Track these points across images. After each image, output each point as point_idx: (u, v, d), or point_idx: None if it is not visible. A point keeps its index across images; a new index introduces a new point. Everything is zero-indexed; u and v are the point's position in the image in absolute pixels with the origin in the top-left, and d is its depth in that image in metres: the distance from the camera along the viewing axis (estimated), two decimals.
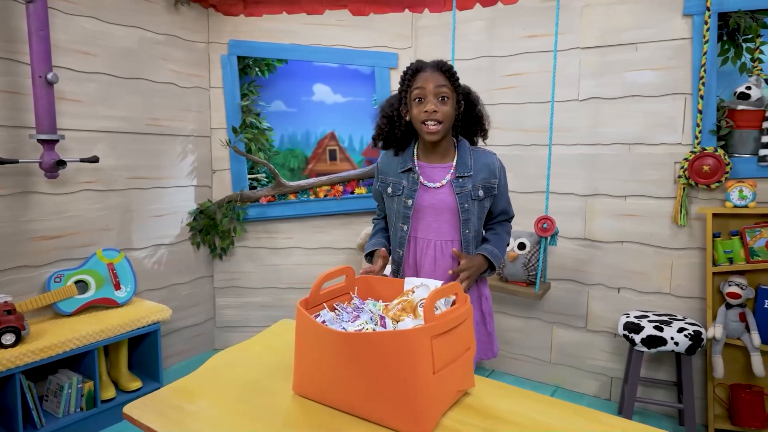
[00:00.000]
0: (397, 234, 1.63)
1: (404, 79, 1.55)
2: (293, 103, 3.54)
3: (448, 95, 1.50)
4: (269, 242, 3.32)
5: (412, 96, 1.53)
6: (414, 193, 1.57)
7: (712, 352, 2.33)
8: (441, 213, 1.57)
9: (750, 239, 2.26)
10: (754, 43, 2.35)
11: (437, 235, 1.58)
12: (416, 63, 1.55)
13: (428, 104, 1.49)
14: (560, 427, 1.09)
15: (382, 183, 1.66)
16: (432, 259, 1.58)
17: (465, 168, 1.57)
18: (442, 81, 1.49)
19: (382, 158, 1.70)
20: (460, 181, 1.56)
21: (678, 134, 2.47)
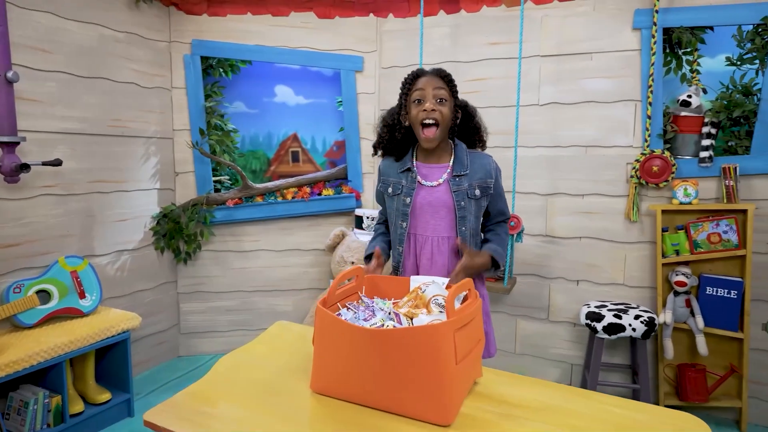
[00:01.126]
0: (396, 232, 1.69)
1: (405, 84, 1.62)
2: (255, 105, 3.51)
3: (446, 98, 1.58)
4: (235, 245, 3.27)
5: (411, 98, 1.60)
6: (412, 192, 1.65)
7: (663, 335, 2.56)
8: (438, 210, 1.65)
9: (694, 233, 2.50)
10: (693, 56, 2.60)
11: (434, 232, 1.66)
12: (416, 70, 1.63)
13: (427, 104, 1.56)
14: (568, 408, 1.19)
15: (384, 184, 1.72)
16: (429, 254, 1.65)
17: (462, 167, 1.65)
18: (440, 84, 1.58)
19: (383, 161, 1.76)
20: (457, 179, 1.64)
21: (629, 137, 2.68)
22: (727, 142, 2.56)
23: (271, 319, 3.36)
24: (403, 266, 1.72)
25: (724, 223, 2.44)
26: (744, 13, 2.44)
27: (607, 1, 2.68)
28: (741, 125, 2.51)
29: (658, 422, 1.14)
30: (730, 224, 2.43)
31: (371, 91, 3.30)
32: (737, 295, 2.44)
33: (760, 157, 2.45)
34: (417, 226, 1.67)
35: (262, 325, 3.35)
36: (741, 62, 2.50)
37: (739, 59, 2.50)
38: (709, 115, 2.50)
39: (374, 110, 3.32)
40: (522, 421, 1.14)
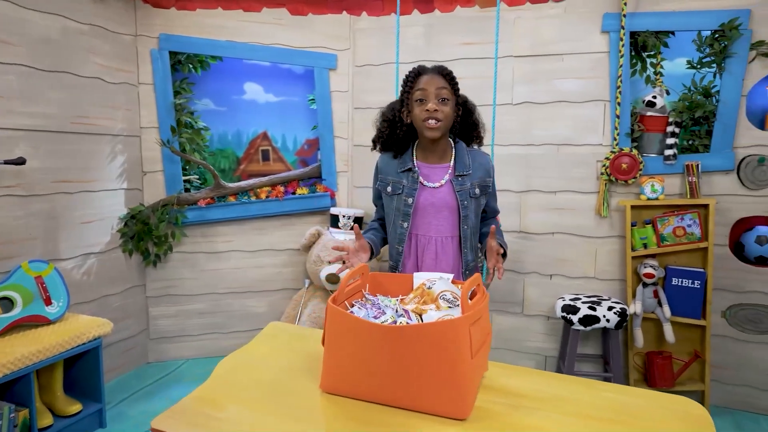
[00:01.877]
0: (396, 231, 1.69)
1: (406, 81, 1.62)
2: (223, 102, 3.42)
3: (448, 97, 1.59)
4: (207, 246, 3.18)
5: (414, 97, 1.60)
6: (414, 192, 1.65)
7: (633, 325, 2.68)
8: (440, 211, 1.66)
9: (660, 227, 2.64)
10: (657, 59, 2.74)
11: (437, 232, 1.67)
12: (418, 67, 1.63)
13: (429, 104, 1.57)
14: (572, 397, 1.23)
15: (382, 182, 1.72)
16: (434, 254, 1.66)
17: (464, 167, 1.67)
18: (442, 83, 1.58)
19: (382, 159, 1.75)
20: (460, 179, 1.66)
21: (599, 136, 2.79)
22: (689, 141, 2.70)
23: (245, 321, 3.29)
24: (402, 265, 1.72)
25: (688, 217, 2.58)
26: (703, 20, 2.58)
27: (578, 4, 2.78)
28: (701, 125, 2.66)
29: (658, 406, 1.20)
30: (694, 218, 2.57)
31: (345, 89, 3.29)
32: (700, 285, 2.58)
33: (719, 155, 2.60)
34: (419, 226, 1.68)
35: (236, 327, 3.28)
36: (700, 66, 2.65)
37: (699, 63, 2.65)
38: (672, 115, 2.64)
39: (348, 108, 3.30)
40: (532, 411, 1.17)
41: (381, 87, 3.19)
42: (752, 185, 2.57)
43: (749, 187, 2.58)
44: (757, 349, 2.64)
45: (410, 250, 1.70)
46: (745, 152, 2.58)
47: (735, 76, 2.55)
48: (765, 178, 2.55)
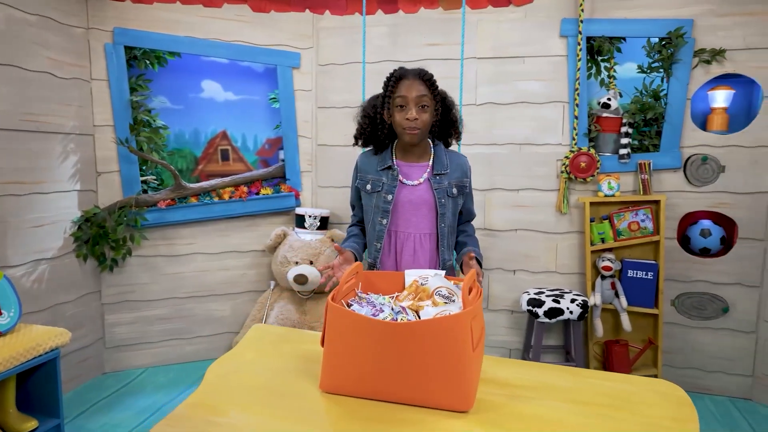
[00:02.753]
0: (375, 228, 1.70)
1: (387, 85, 1.63)
2: (179, 100, 3.31)
3: (428, 104, 1.62)
4: (167, 249, 3.06)
5: (394, 102, 1.61)
6: (393, 189, 1.67)
7: (593, 316, 2.82)
8: (419, 208, 1.69)
9: (617, 222, 2.79)
10: (610, 63, 2.89)
11: (416, 229, 1.70)
12: (399, 70, 1.64)
13: (410, 112, 1.60)
14: (564, 385, 1.29)
15: (362, 180, 1.72)
16: (411, 251, 1.69)
17: (442, 166, 1.71)
18: (423, 90, 1.61)
19: (361, 158, 1.76)
20: (438, 178, 1.70)
21: (559, 136, 2.92)
22: (640, 141, 2.87)
23: (208, 325, 3.20)
24: (381, 262, 1.73)
25: (641, 213, 2.74)
26: (652, 28, 2.75)
27: (537, 9, 2.89)
28: (651, 126, 2.84)
29: (644, 389, 1.27)
30: (647, 213, 2.74)
31: (308, 89, 3.26)
32: (653, 276, 2.75)
33: (668, 154, 2.78)
34: (398, 223, 1.70)
35: (199, 332, 3.18)
36: (650, 70, 2.83)
37: (648, 68, 2.82)
38: (626, 117, 2.80)
39: (312, 108, 3.28)
40: (529, 400, 1.21)
41: (345, 87, 3.18)
42: (697, 182, 2.77)
43: (694, 184, 2.78)
44: (702, 334, 2.85)
45: (389, 247, 1.72)
46: (691, 152, 2.77)
47: (680, 80, 2.73)
48: (708, 176, 2.75)
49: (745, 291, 2.76)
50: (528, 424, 1.12)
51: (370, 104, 1.74)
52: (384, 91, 1.66)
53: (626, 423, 1.13)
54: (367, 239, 1.77)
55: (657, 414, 1.17)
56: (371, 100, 1.75)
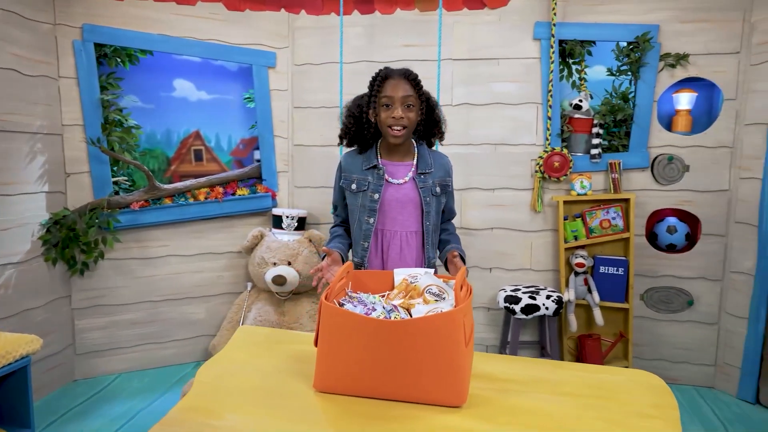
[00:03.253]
0: (362, 227, 1.71)
1: (373, 84, 1.64)
2: (150, 99, 3.24)
3: (413, 103, 1.65)
4: (140, 252, 2.99)
5: (380, 102, 1.63)
6: (380, 188, 1.69)
7: (567, 311, 2.90)
8: (405, 206, 1.71)
9: (589, 220, 2.88)
10: (581, 66, 2.98)
11: (402, 227, 1.73)
12: (385, 70, 1.66)
13: (396, 110, 1.62)
14: (551, 378, 1.33)
15: (346, 180, 1.73)
16: (398, 249, 1.72)
17: (426, 166, 1.74)
18: (408, 90, 1.63)
19: (345, 158, 1.76)
20: (422, 177, 1.73)
21: (533, 136, 2.99)
22: (610, 141, 2.97)
23: (183, 329, 3.14)
24: (368, 261, 1.74)
25: (612, 211, 2.84)
26: (620, 32, 2.85)
27: (511, 12, 2.95)
28: (620, 127, 2.94)
29: (627, 380, 1.33)
30: (617, 211, 2.84)
31: (284, 88, 3.24)
32: (623, 272, 2.85)
33: (637, 153, 2.89)
34: (385, 222, 1.72)
35: (174, 336, 3.11)
36: (619, 73, 2.93)
37: (617, 71, 2.92)
38: (597, 118, 2.89)
39: (288, 107, 3.25)
40: (519, 393, 1.25)
41: (322, 86, 3.18)
42: (663, 181, 2.89)
43: (661, 182, 2.89)
44: (668, 327, 2.97)
45: (376, 246, 1.73)
46: (658, 151, 2.89)
47: (648, 83, 2.84)
48: (673, 175, 2.87)
49: (708, 285, 2.90)
50: (520, 416, 1.15)
51: (355, 104, 1.75)
52: (370, 90, 1.67)
53: (611, 412, 1.18)
54: (353, 239, 1.78)
55: (639, 402, 1.22)
56: (356, 99, 1.76)
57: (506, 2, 2.95)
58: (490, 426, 1.11)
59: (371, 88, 1.66)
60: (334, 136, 3.14)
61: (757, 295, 2.71)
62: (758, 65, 2.69)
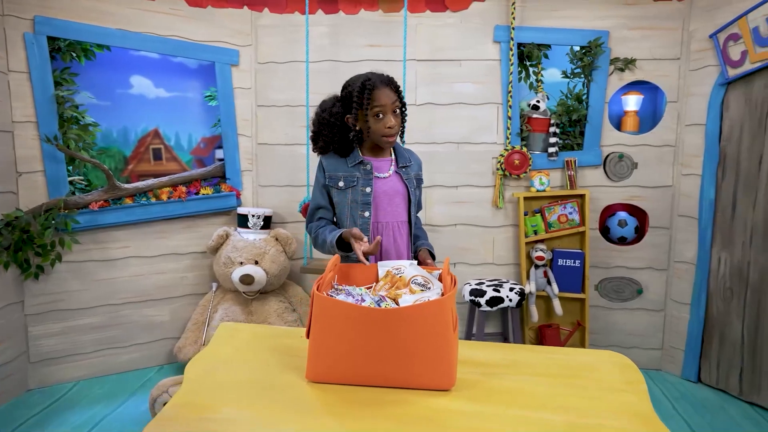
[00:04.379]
0: (357, 222, 1.75)
1: (362, 95, 1.65)
2: (106, 96, 3.14)
3: (398, 109, 1.71)
4: (100, 254, 2.89)
5: (372, 112, 1.67)
6: (370, 182, 1.73)
7: (529, 303, 3.03)
8: (393, 198, 1.78)
9: (548, 215, 3.02)
10: (538, 68, 3.12)
11: (393, 218, 1.80)
12: (373, 81, 1.67)
13: (389, 120, 1.69)
14: (529, 362, 1.41)
15: (332, 179, 1.75)
16: (392, 239, 1.78)
17: (404, 160, 1.84)
18: (394, 97, 1.70)
19: (326, 159, 1.78)
20: (404, 170, 1.82)
21: (494, 135, 3.11)
22: (565, 140, 3.13)
23: (146, 332, 3.05)
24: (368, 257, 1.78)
25: (569, 206, 2.99)
26: (574, 37, 3.01)
27: (472, 15, 3.05)
28: (575, 126, 3.10)
29: (597, 360, 1.43)
30: (574, 206, 2.99)
31: (248, 86, 3.21)
32: (580, 264, 3.02)
33: (590, 152, 3.06)
34: (378, 214, 1.77)
35: (136, 340, 3.02)
36: (572, 76, 3.09)
37: (572, 73, 3.09)
38: (553, 118, 3.04)
39: (251, 106, 3.23)
40: (502, 376, 1.32)
41: (286, 85, 3.17)
42: (615, 177, 3.07)
43: (612, 179, 3.08)
44: (620, 315, 3.16)
45: (373, 238, 1.77)
46: (609, 150, 3.07)
47: (599, 85, 3.01)
48: (624, 172, 3.06)
49: (655, 274, 3.11)
50: (505, 396, 1.22)
51: (329, 113, 1.75)
52: (357, 100, 1.68)
53: (587, 389, 1.27)
54: None
55: (611, 379, 1.32)
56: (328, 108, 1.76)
57: (467, 5, 3.05)
58: (479, 406, 1.17)
59: (359, 98, 1.67)
60: (299, 135, 3.19)
61: (698, 283, 2.93)
62: (696, 70, 2.92)
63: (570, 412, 1.16)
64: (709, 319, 2.92)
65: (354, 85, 1.70)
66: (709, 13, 2.83)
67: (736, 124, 2.75)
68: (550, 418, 1.13)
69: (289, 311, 3.07)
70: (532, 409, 1.17)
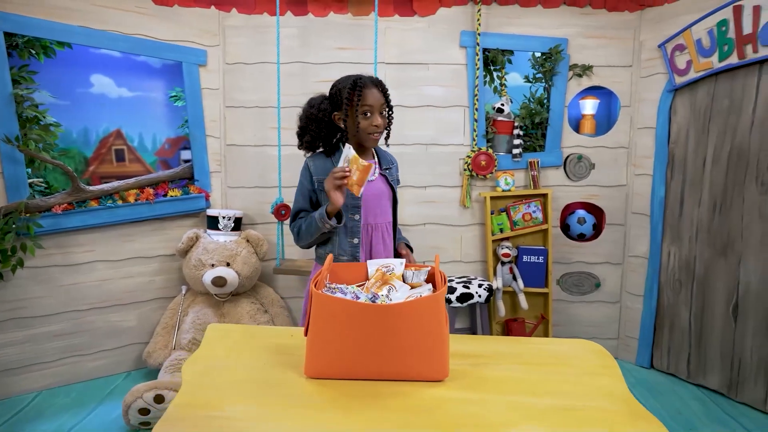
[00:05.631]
0: (347, 225, 1.78)
1: (351, 94, 1.71)
2: (65, 95, 3.05)
3: (385, 110, 1.76)
4: (63, 258, 2.79)
5: (361, 110, 1.72)
6: None
7: (496, 298, 3.16)
8: (380, 199, 1.84)
9: (513, 213, 3.16)
10: (501, 73, 3.26)
11: (382, 219, 1.86)
12: (361, 81, 1.73)
13: (376, 119, 1.75)
14: (514, 352, 1.50)
15: (320, 183, 1.78)
16: (381, 239, 1.84)
17: (387, 162, 1.90)
18: (382, 99, 1.76)
19: (313, 162, 1.82)
20: (388, 171, 1.89)
21: (461, 137, 3.21)
22: (528, 142, 3.28)
23: (113, 338, 2.97)
24: (360, 256, 1.82)
25: (533, 205, 3.14)
26: (536, 44, 3.16)
27: (439, 21, 3.15)
28: (537, 129, 3.26)
29: (573, 349, 1.53)
30: (537, 205, 3.14)
31: (216, 87, 3.18)
32: (543, 260, 3.17)
33: (552, 153, 3.22)
34: (367, 216, 1.82)
35: (102, 346, 2.94)
36: (534, 80, 3.24)
37: (534, 78, 3.24)
38: (517, 120, 3.18)
39: (219, 107, 3.20)
40: (490, 366, 1.40)
41: (255, 86, 3.17)
42: (574, 177, 3.25)
43: (572, 179, 3.25)
44: (580, 308, 3.34)
45: (364, 240, 1.82)
46: (569, 151, 3.24)
47: (559, 90, 3.18)
48: (582, 172, 3.24)
49: (612, 268, 3.30)
50: (496, 384, 1.30)
51: (317, 109, 1.80)
52: (345, 97, 1.73)
53: (568, 375, 1.37)
54: (338, 238, 1.83)
55: (589, 365, 1.43)
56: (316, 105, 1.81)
57: (434, 11, 3.14)
58: (474, 394, 1.25)
59: (349, 96, 1.72)
60: (268, 136, 3.19)
61: (650, 276, 3.14)
62: (647, 77, 3.13)
63: (556, 396, 1.25)
64: (660, 309, 3.13)
65: (344, 84, 1.76)
66: (658, 25, 3.04)
67: (683, 128, 2.97)
68: (540, 402, 1.22)
69: (261, 312, 3.06)
70: (522, 395, 1.25)
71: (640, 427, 1.13)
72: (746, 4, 2.56)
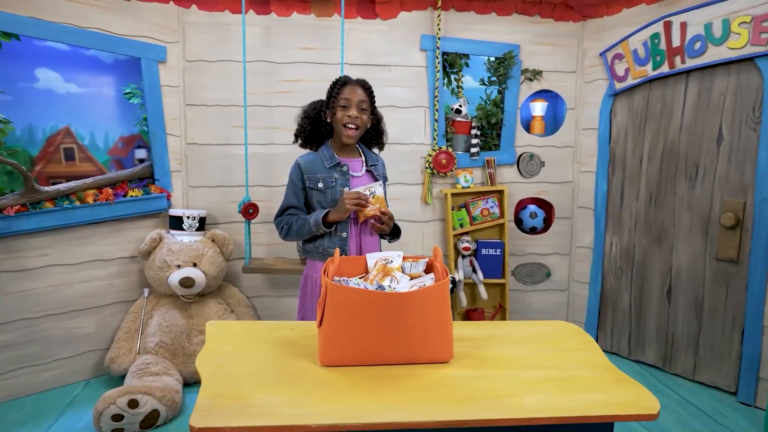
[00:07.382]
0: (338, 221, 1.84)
1: (333, 88, 1.81)
2: (8, 90, 2.87)
3: (366, 108, 1.86)
4: (14, 263, 2.63)
5: (339, 103, 1.80)
6: (347, 182, 1.85)
7: (458, 290, 3.32)
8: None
9: (472, 209, 3.33)
10: (459, 76, 3.42)
11: None
12: (344, 77, 1.86)
13: (351, 111, 1.81)
14: (506, 334, 1.64)
15: (312, 180, 1.84)
16: (370, 232, 1.93)
17: (372, 160, 2.00)
18: (363, 96, 1.85)
19: (304, 161, 1.87)
20: (374, 168, 1.97)
21: (422, 136, 3.34)
22: (485, 141, 3.47)
23: (69, 346, 2.84)
24: (349, 250, 1.89)
25: (490, 201, 3.33)
26: (491, 49, 3.35)
27: (401, 24, 3.26)
28: (493, 129, 3.45)
29: (554, 329, 1.69)
30: (494, 201, 3.33)
31: (176, 84, 3.11)
32: (500, 253, 3.36)
33: (506, 152, 3.43)
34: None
35: (58, 355, 2.80)
36: (489, 83, 3.43)
37: (489, 81, 3.43)
38: (474, 121, 3.35)
39: (180, 104, 3.13)
40: (490, 347, 1.53)
41: (217, 84, 3.13)
42: (526, 174, 3.47)
43: (524, 176, 3.48)
44: (533, 296, 3.58)
45: (353, 233, 1.88)
46: (521, 150, 3.46)
47: (513, 93, 3.39)
48: (534, 170, 3.47)
49: (560, 258, 3.57)
50: (496, 362, 1.42)
51: (311, 107, 1.94)
52: (329, 94, 1.83)
53: (555, 350, 1.52)
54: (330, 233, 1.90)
55: (569, 342, 1.59)
56: (313, 103, 1.94)
57: (396, 15, 3.25)
58: (479, 372, 1.36)
59: (330, 92, 1.82)
60: (232, 135, 3.17)
61: (595, 264, 3.43)
62: (590, 83, 3.40)
63: (550, 369, 1.40)
64: (604, 294, 3.42)
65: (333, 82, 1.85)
66: (599, 35, 3.32)
67: (622, 129, 3.27)
68: (537, 375, 1.36)
69: (228, 312, 3.04)
70: (520, 370, 1.38)
71: (625, 389, 1.29)
72: (675, 20, 2.87)
